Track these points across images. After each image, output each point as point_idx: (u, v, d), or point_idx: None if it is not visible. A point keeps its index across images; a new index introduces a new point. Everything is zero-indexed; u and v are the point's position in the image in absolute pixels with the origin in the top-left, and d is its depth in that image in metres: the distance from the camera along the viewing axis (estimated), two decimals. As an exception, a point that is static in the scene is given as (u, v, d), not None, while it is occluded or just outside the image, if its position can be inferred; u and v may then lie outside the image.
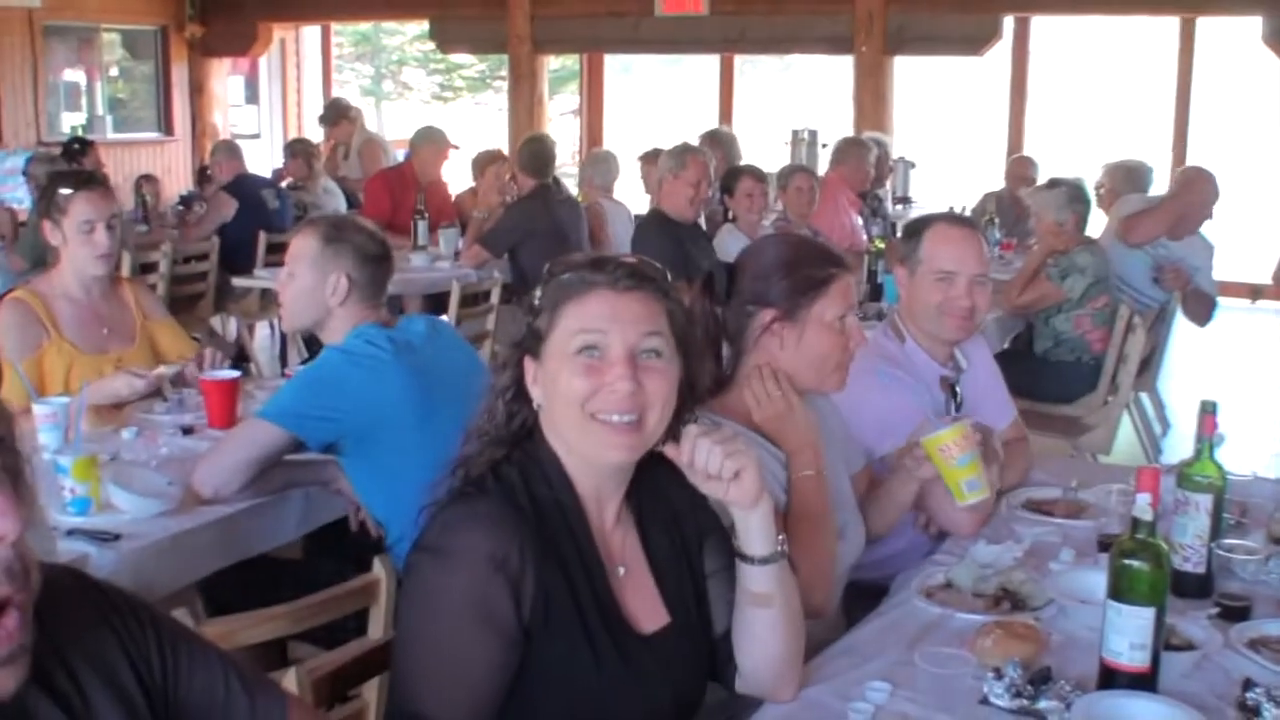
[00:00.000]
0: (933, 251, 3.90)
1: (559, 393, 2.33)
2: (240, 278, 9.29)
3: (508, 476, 2.35)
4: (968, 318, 3.87)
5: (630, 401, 2.30)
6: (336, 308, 3.99)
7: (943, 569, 3.25)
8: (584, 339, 2.32)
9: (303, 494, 4.04)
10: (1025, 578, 3.14)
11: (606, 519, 2.43)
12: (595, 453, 2.35)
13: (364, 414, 3.79)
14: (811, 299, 3.16)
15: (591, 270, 2.37)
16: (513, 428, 2.41)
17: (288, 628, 2.97)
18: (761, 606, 2.42)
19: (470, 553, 2.21)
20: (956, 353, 4.00)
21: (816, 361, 3.19)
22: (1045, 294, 7.30)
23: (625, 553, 2.43)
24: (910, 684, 2.61)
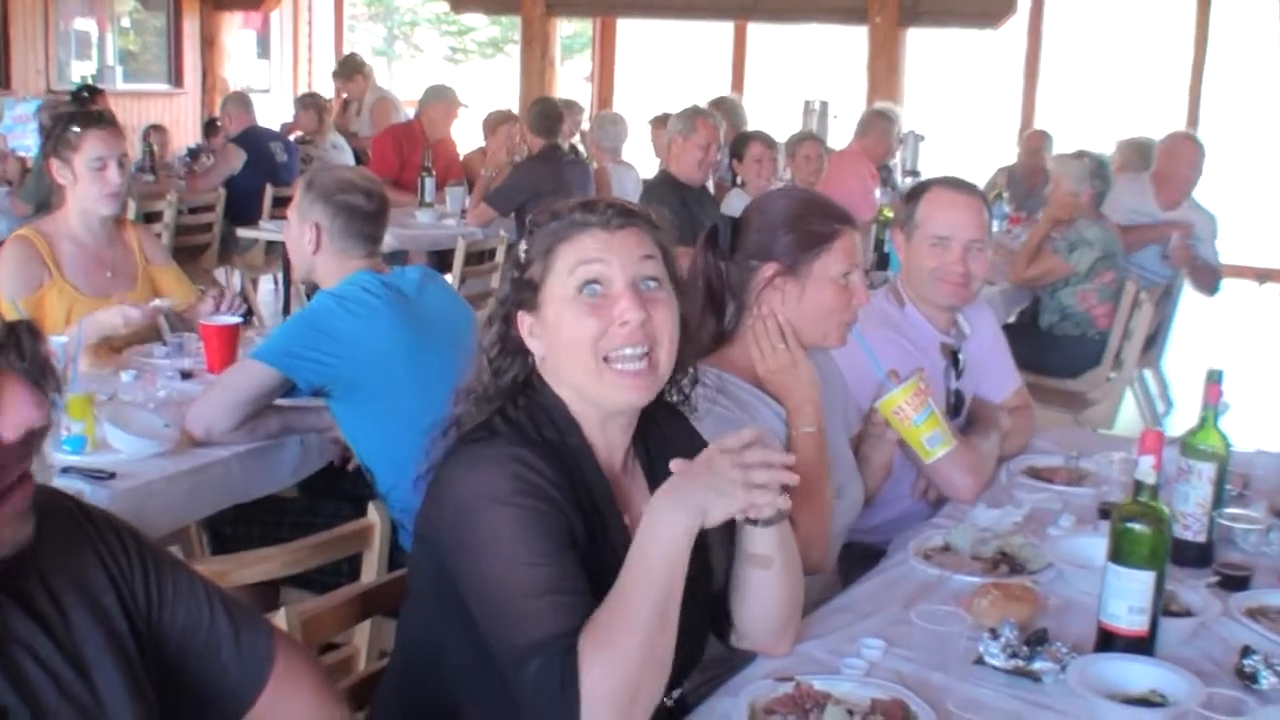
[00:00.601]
0: (929, 215, 3.85)
1: (566, 339, 2.29)
2: (245, 229, 9.29)
3: (516, 420, 2.31)
4: (962, 284, 3.82)
5: (642, 333, 2.27)
6: (313, 256, 4.01)
7: (941, 532, 3.24)
8: (585, 273, 2.28)
9: (299, 440, 4.04)
10: (1024, 542, 3.12)
11: (614, 464, 2.40)
12: (610, 396, 2.30)
13: (354, 358, 3.78)
14: (816, 254, 3.13)
15: (582, 212, 2.33)
16: (502, 384, 2.36)
17: (281, 569, 2.96)
18: (761, 568, 2.38)
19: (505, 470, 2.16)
20: (959, 319, 3.97)
21: (819, 317, 3.15)
22: (1052, 267, 7.27)
23: (633, 500, 2.39)
24: (905, 642, 2.59)
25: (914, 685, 2.40)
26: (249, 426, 3.82)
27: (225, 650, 1.87)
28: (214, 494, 3.77)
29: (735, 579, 2.43)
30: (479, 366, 2.39)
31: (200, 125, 15.21)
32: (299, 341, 3.79)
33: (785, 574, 2.41)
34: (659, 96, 13.35)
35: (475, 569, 2.15)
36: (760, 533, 2.33)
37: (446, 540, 2.19)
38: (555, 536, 2.14)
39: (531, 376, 2.38)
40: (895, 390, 3.27)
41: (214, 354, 4.41)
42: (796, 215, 3.18)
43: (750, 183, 8.30)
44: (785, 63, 17.48)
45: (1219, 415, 3.07)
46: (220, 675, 1.87)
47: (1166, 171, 8.20)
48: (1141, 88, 17.73)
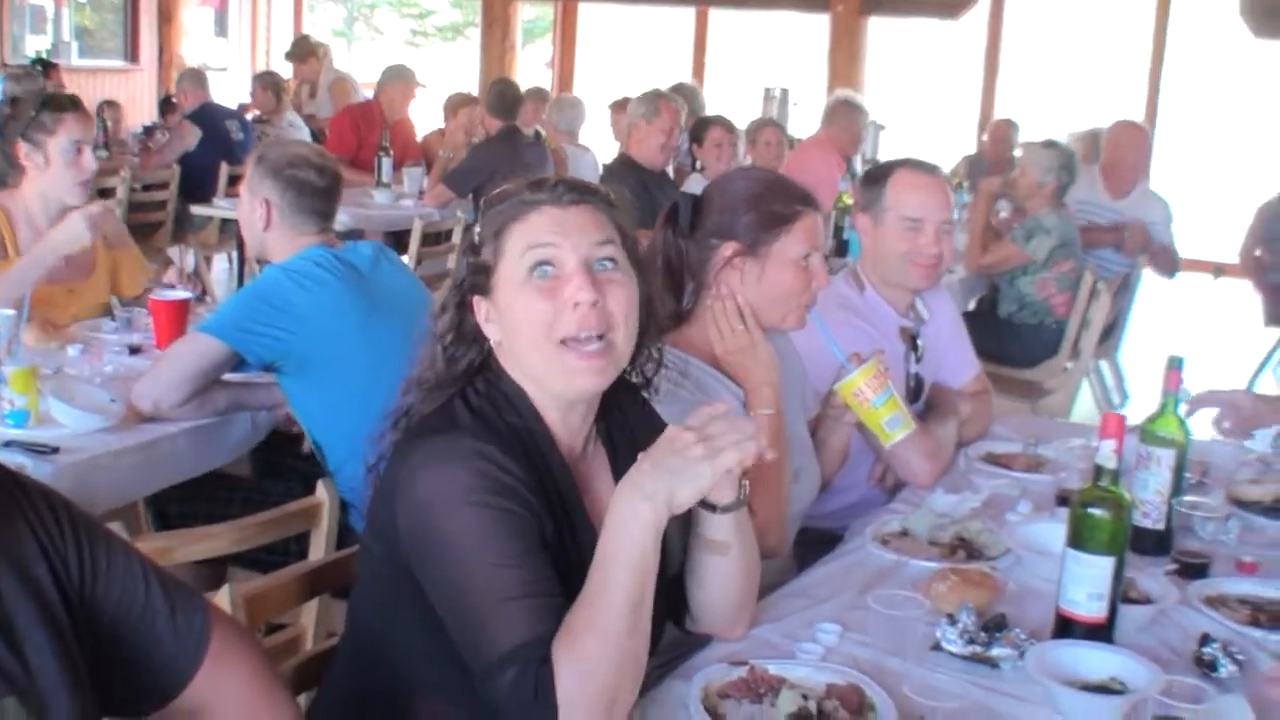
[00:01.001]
0: (899, 198, 3.81)
1: (520, 323, 2.24)
2: (200, 207, 9.26)
3: (479, 408, 2.25)
4: (934, 266, 3.80)
5: (595, 316, 2.21)
6: (263, 233, 3.97)
7: (899, 517, 3.23)
8: (535, 255, 2.22)
9: (248, 416, 4.01)
10: (982, 528, 3.11)
11: (576, 451, 2.35)
12: (566, 381, 2.24)
13: (304, 332, 3.74)
14: (776, 234, 3.10)
15: (532, 190, 2.27)
16: (456, 372, 2.31)
17: (227, 546, 2.91)
18: (718, 554, 2.34)
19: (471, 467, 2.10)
20: (918, 303, 3.95)
21: (777, 299, 3.12)
22: (1008, 255, 7.26)
23: (595, 486, 2.35)
24: (861, 627, 2.57)
25: (870, 670, 2.38)
26: (197, 402, 3.77)
27: (160, 626, 1.82)
28: (161, 470, 3.72)
29: (691, 563, 2.39)
30: (431, 354, 2.33)
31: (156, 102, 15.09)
32: (248, 315, 3.74)
33: (742, 559, 2.37)
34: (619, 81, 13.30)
35: (441, 571, 2.10)
36: (718, 518, 2.29)
37: (406, 537, 2.13)
38: (525, 537, 2.09)
39: (489, 361, 2.32)
40: (855, 372, 3.24)
41: (163, 329, 4.36)
42: (758, 195, 3.14)
43: (710, 167, 8.28)
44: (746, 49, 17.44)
45: (1179, 402, 3.05)
46: (155, 651, 1.82)
47: (1114, 160, 8.22)
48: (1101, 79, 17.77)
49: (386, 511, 2.17)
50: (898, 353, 3.81)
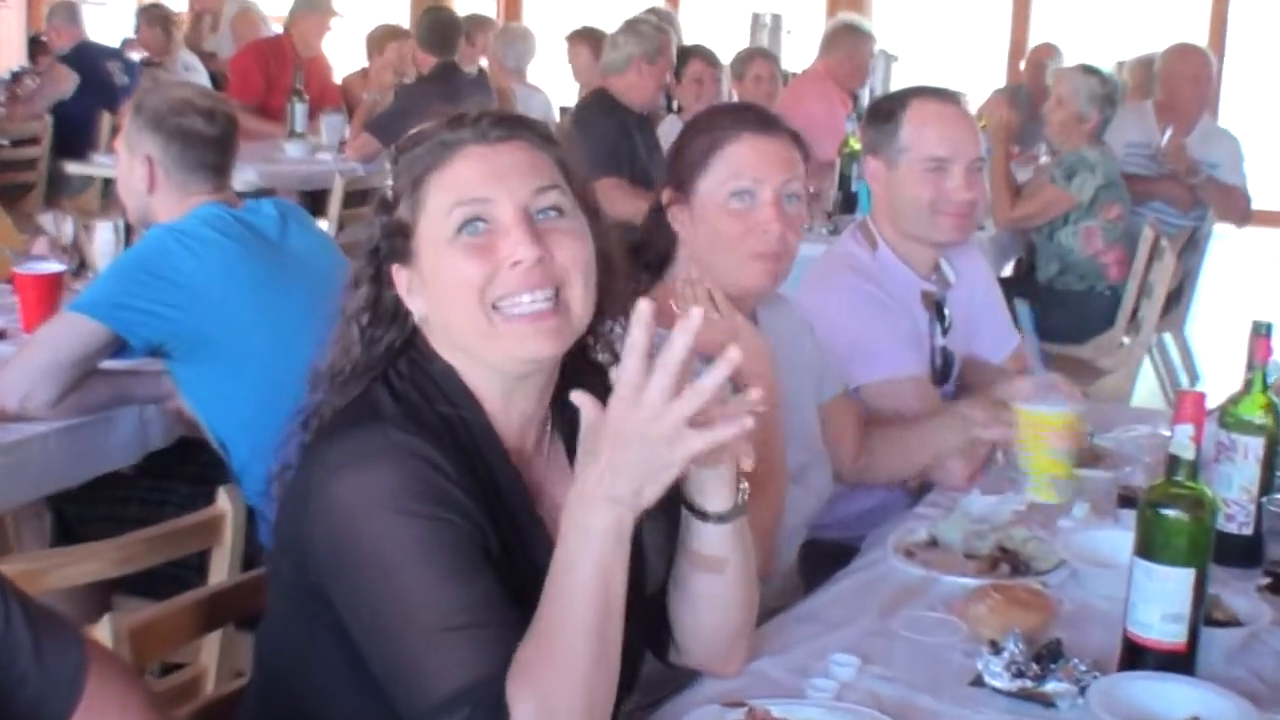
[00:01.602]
0: (918, 135, 3.79)
1: (446, 291, 2.20)
2: (77, 165, 9.22)
3: (404, 394, 2.22)
4: (966, 214, 3.79)
5: (540, 273, 2.16)
6: (147, 196, 3.96)
7: (926, 523, 3.20)
8: (462, 212, 2.17)
9: (135, 412, 3.99)
10: (1028, 535, 3.08)
11: (526, 444, 2.31)
12: (510, 353, 2.20)
13: (196, 309, 3.72)
14: (697, 172, 3.13)
15: (451, 128, 2.23)
16: (374, 356, 2.27)
17: (111, 568, 2.87)
18: (712, 572, 2.30)
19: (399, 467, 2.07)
20: (942, 263, 3.94)
21: (714, 252, 3.13)
22: (1050, 200, 7.25)
23: (550, 489, 2.31)
24: (884, 658, 2.55)
25: (895, 711, 2.36)
26: (73, 396, 3.74)
27: (23, 664, 1.79)
28: (29, 479, 3.72)
29: (677, 582, 2.36)
30: (345, 339, 2.29)
31: (24, 43, 15.03)
32: (129, 288, 3.71)
33: (740, 578, 2.34)
34: (576, 9, 13.28)
35: (365, 597, 2.07)
36: (712, 529, 2.25)
37: (321, 554, 2.10)
38: (466, 553, 2.06)
39: (413, 340, 2.29)
40: (1053, 410, 3.16)
41: (30, 309, 4.35)
42: (687, 127, 3.23)
43: (688, 108, 8.32)
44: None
45: (1269, 377, 3.00)
46: (16, 695, 1.80)
47: (1170, 93, 8.18)
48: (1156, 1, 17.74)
49: (296, 524, 2.14)
50: (920, 322, 3.81)
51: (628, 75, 7.60)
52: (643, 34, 7.70)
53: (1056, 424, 3.14)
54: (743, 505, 2.24)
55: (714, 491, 2.21)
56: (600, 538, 2.00)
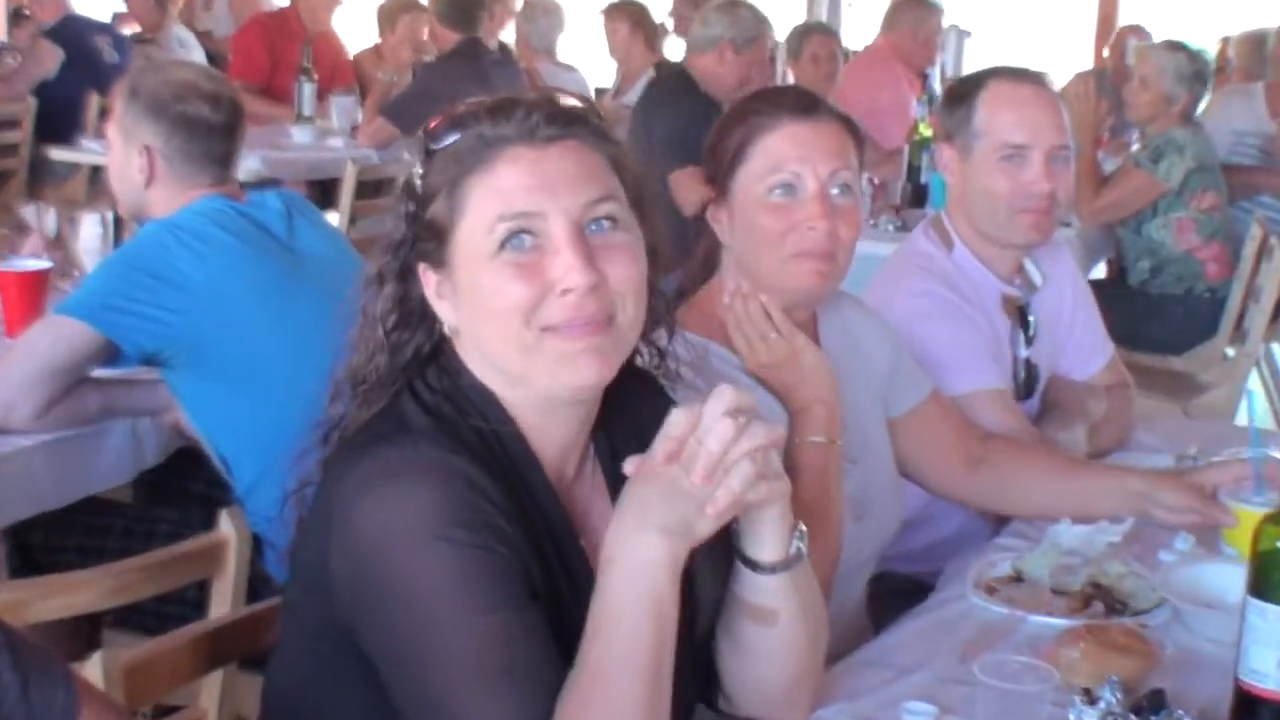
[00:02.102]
0: (993, 119, 3.76)
1: (486, 310, 2.19)
2: (62, 150, 9.29)
3: (436, 407, 2.21)
4: (1046, 211, 3.74)
5: (593, 301, 2.16)
6: (145, 191, 3.96)
7: (1010, 556, 3.18)
8: (507, 227, 2.16)
9: (128, 426, 4.01)
10: (1125, 571, 3.06)
11: (566, 470, 2.31)
12: (555, 379, 2.19)
13: (197, 314, 3.73)
14: (733, 166, 3.09)
15: (493, 121, 2.20)
16: (401, 364, 2.27)
17: (101, 599, 2.89)
18: (762, 624, 2.30)
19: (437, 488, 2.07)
20: (1027, 264, 3.92)
21: (755, 253, 3.09)
22: (1135, 187, 7.22)
23: (592, 515, 2.31)
24: (964, 708, 2.52)
25: None
26: (61, 408, 3.76)
27: (9, 706, 1.80)
28: (10, 499, 3.73)
29: (726, 630, 2.35)
30: (369, 344, 2.29)
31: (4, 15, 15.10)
32: (122, 289, 3.72)
33: (795, 630, 2.33)
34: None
35: (396, 633, 2.07)
36: (763, 580, 2.25)
37: (345, 587, 2.10)
38: (509, 584, 2.06)
39: (441, 347, 2.29)
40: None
41: (13, 310, 4.36)
42: (721, 120, 3.18)
43: None
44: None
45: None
46: None
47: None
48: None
49: (317, 552, 2.13)
50: (1002, 331, 3.80)
51: (709, 57, 7.53)
52: (739, 18, 7.61)
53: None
54: (799, 555, 2.23)
55: (764, 539, 2.21)
56: (651, 570, 2.01)
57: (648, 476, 2.04)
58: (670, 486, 2.02)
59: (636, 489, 2.05)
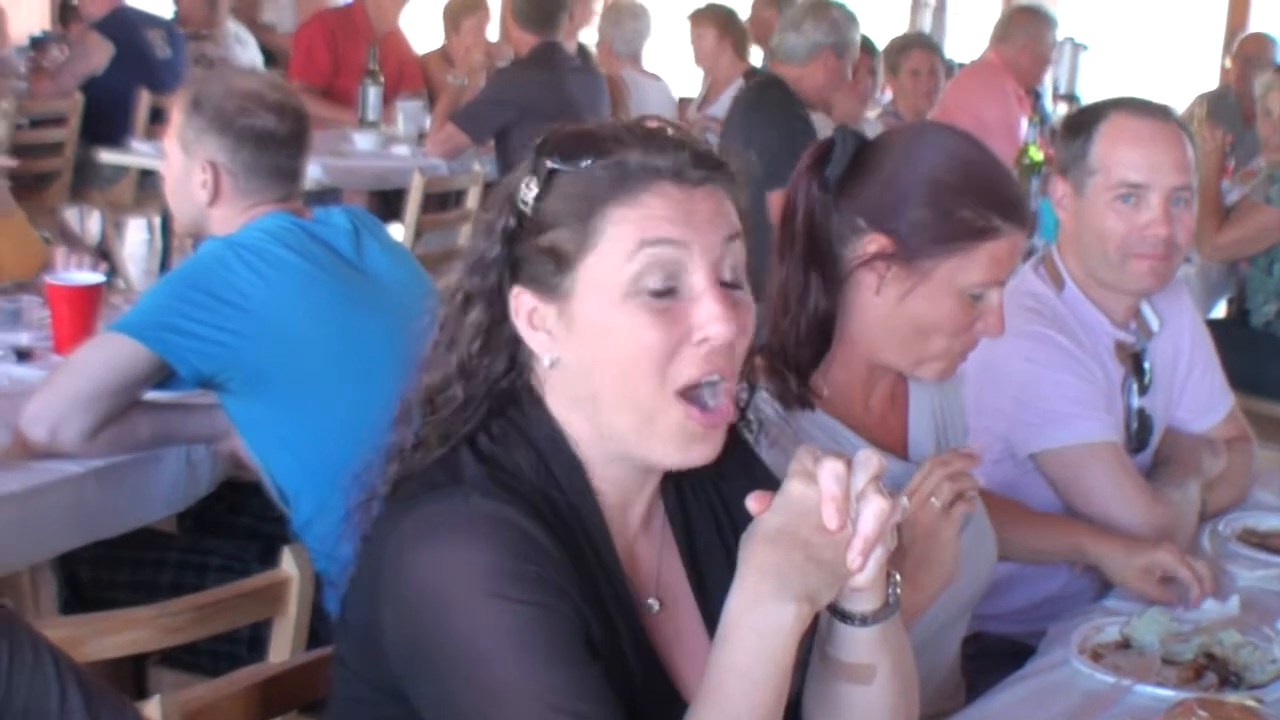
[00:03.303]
0: (1110, 156, 3.73)
1: (611, 352, 2.17)
2: (110, 152, 9.25)
3: (492, 456, 2.21)
4: (1165, 257, 3.71)
5: (725, 357, 2.17)
6: (208, 208, 3.97)
7: (1117, 621, 3.18)
8: (649, 258, 2.14)
9: (182, 453, 4.03)
10: (1241, 640, 3.06)
11: (630, 524, 2.32)
12: (665, 453, 2.21)
13: (259, 337, 3.75)
14: (948, 250, 2.99)
15: (644, 150, 2.19)
16: (481, 391, 2.26)
17: (156, 638, 2.92)
18: (857, 682, 2.26)
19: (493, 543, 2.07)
20: (1144, 308, 3.90)
21: (916, 333, 3.04)
22: (1263, 225, 7.14)
23: (660, 575, 2.33)
24: None
25: None
26: (111, 431, 3.77)
27: None
28: (60, 528, 3.74)
29: (815, 694, 2.32)
30: (446, 369, 2.28)
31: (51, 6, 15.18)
32: (181, 309, 3.73)
33: (893, 687, 2.29)
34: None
35: (447, 693, 2.08)
36: (859, 634, 2.22)
37: (395, 642, 2.12)
38: (567, 643, 2.07)
39: (518, 384, 2.28)
40: None
41: (64, 327, 4.38)
42: (944, 184, 3.04)
43: (909, 105, 8.30)
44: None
45: None
46: None
47: None
48: None
49: (368, 607, 2.16)
50: (1114, 379, 3.78)
51: (809, 66, 7.47)
52: (836, 23, 7.55)
53: None
54: (895, 603, 2.21)
55: (860, 587, 2.15)
56: (783, 637, 2.02)
57: (787, 539, 2.02)
58: (808, 553, 2.02)
59: (777, 550, 2.03)
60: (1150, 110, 3.81)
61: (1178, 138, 3.76)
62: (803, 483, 2.04)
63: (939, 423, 3.23)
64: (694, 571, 2.36)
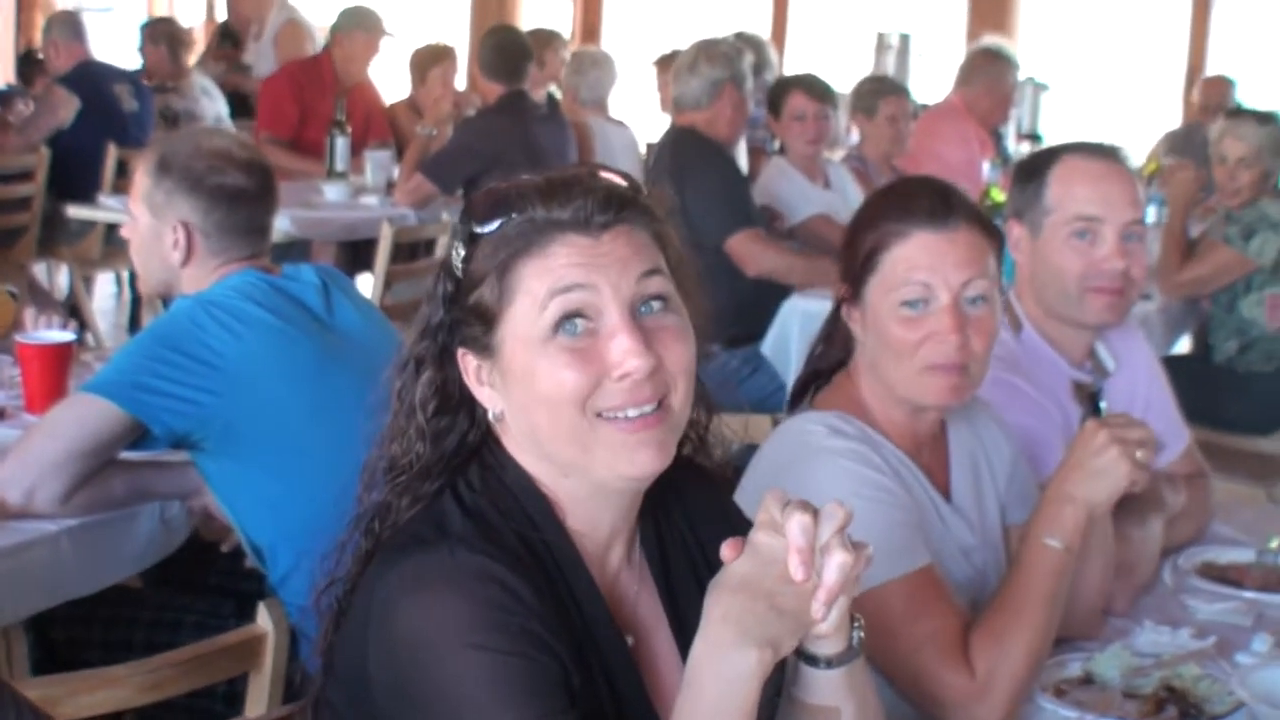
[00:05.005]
0: (1064, 195, 3.78)
1: (538, 396, 2.23)
2: (78, 207, 9.20)
3: (475, 507, 2.26)
4: (1121, 290, 3.76)
5: (649, 387, 2.21)
6: (180, 268, 3.97)
7: (1080, 658, 3.20)
8: (561, 303, 2.21)
9: (156, 511, 4.01)
10: (1201, 673, 3.09)
11: (611, 562, 2.36)
12: (609, 469, 2.25)
13: (232, 395, 3.76)
14: (864, 272, 3.16)
15: (547, 205, 2.25)
16: (445, 450, 2.32)
17: (134, 696, 2.93)
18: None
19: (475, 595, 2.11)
20: (1099, 348, 3.95)
21: (891, 359, 3.15)
22: (1223, 265, 7.19)
23: (638, 611, 2.36)
24: None
25: None
26: (86, 491, 3.77)
27: None
28: (36, 588, 3.73)
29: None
30: (406, 432, 2.33)
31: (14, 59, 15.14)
32: (153, 368, 3.74)
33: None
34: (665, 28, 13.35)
35: None
36: (824, 676, 2.24)
37: (382, 689, 2.16)
38: (547, 692, 2.10)
39: (486, 436, 2.34)
40: None
41: (35, 386, 4.37)
42: (860, 213, 3.25)
43: (791, 148, 8.23)
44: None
45: None
46: None
47: None
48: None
49: (357, 654, 2.19)
50: (1072, 419, 3.75)
51: (716, 105, 7.52)
52: (726, 55, 7.64)
53: None
54: (859, 647, 2.23)
55: (824, 634, 2.17)
56: (747, 684, 2.04)
57: (751, 588, 2.05)
58: (771, 602, 2.04)
59: (740, 599, 2.05)
60: (1100, 151, 3.87)
61: (1128, 176, 3.84)
62: (768, 533, 2.07)
63: (976, 466, 3.32)
64: (671, 607, 2.39)
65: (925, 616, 2.93)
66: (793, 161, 8.15)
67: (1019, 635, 2.92)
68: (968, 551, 3.24)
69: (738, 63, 7.59)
